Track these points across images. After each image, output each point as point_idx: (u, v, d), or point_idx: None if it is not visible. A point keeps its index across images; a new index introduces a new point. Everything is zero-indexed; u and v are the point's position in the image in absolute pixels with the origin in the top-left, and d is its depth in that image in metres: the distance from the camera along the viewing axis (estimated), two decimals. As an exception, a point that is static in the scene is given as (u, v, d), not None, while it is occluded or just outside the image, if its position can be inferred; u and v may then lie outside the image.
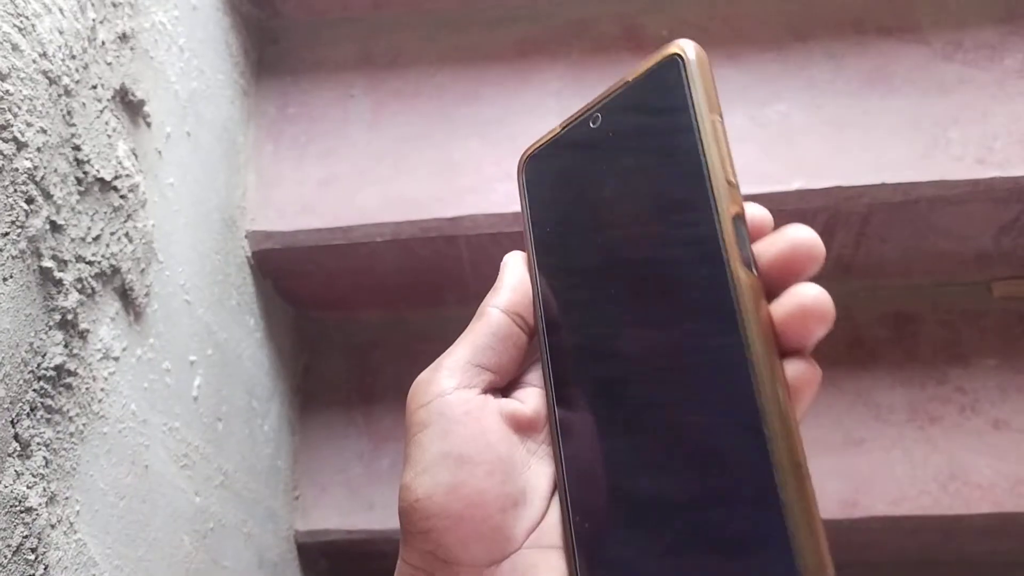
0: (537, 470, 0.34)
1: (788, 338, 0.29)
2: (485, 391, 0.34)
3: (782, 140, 0.74)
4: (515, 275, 0.37)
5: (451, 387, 0.34)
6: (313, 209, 0.76)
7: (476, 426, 0.33)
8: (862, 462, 0.76)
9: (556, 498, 0.34)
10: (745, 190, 0.71)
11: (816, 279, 0.30)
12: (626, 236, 0.34)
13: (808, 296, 0.29)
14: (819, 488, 0.30)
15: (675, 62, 0.33)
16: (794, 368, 0.29)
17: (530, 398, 0.36)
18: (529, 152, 0.38)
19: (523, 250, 0.38)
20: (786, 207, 0.71)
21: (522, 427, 0.34)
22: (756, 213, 0.32)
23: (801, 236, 0.30)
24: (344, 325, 0.88)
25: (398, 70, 0.82)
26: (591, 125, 0.36)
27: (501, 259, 0.38)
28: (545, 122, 0.77)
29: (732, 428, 0.29)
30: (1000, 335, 0.80)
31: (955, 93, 0.74)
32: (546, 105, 0.78)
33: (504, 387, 0.36)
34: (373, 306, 0.86)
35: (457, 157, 0.77)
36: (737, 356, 0.29)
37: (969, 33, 0.77)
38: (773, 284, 0.30)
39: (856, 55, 0.77)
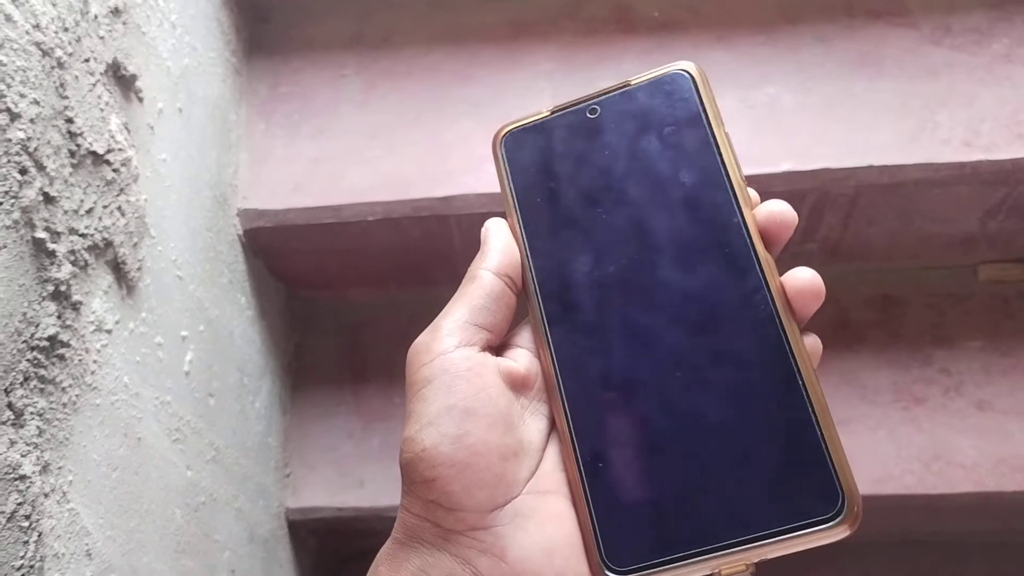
0: (531, 425, 0.36)
1: (792, 312, 0.35)
2: (483, 349, 0.36)
3: (771, 122, 0.74)
4: (501, 239, 0.39)
5: (452, 345, 0.35)
6: (304, 188, 0.76)
7: (478, 381, 0.35)
8: (847, 442, 0.76)
9: (550, 449, 0.36)
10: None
11: (804, 261, 0.35)
12: (637, 214, 0.37)
13: (805, 277, 0.34)
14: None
15: (685, 76, 0.39)
16: (806, 339, 0.34)
17: (521, 358, 0.37)
18: (508, 129, 0.41)
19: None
20: (775, 189, 0.72)
21: (516, 384, 0.36)
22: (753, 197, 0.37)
23: (777, 208, 0.36)
24: (335, 304, 0.89)
25: (390, 50, 0.82)
26: (588, 115, 0.40)
27: None
28: (537, 102, 0.77)
29: (766, 374, 0.33)
30: (985, 318, 0.81)
31: (943, 77, 0.75)
32: (538, 86, 0.79)
33: (495, 348, 0.38)
34: (364, 285, 0.86)
35: (449, 137, 0.77)
36: (766, 316, 0.34)
37: (958, 17, 0.77)
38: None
39: (846, 38, 0.77)
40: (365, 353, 0.87)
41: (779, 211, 0.36)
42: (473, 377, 0.35)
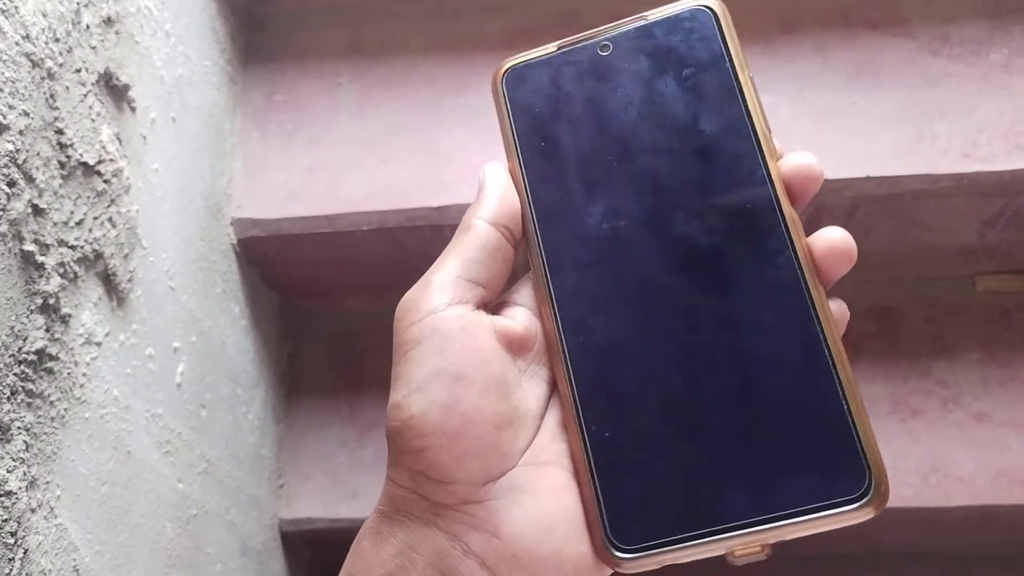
0: (528, 390, 0.34)
1: (819, 274, 0.32)
2: (477, 307, 0.33)
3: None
4: (499, 185, 0.36)
5: (443, 303, 0.33)
6: (299, 197, 0.75)
7: (471, 343, 0.32)
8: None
9: (549, 417, 0.34)
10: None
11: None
12: (653, 162, 0.34)
13: (835, 236, 0.32)
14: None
15: (707, 13, 0.35)
16: (832, 305, 0.32)
17: (519, 316, 0.35)
18: (511, 65, 0.38)
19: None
20: (772, 199, 0.72)
21: (514, 345, 0.34)
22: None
23: (804, 160, 0.33)
24: (329, 313, 0.88)
25: (386, 58, 0.82)
26: (599, 51, 0.36)
27: None
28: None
29: (790, 340, 0.31)
30: (983, 329, 0.81)
31: (941, 87, 0.74)
32: (534, 95, 0.78)
33: (491, 306, 0.35)
34: (359, 294, 0.86)
35: (444, 146, 0.76)
36: (790, 278, 0.31)
37: (955, 27, 0.77)
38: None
39: (843, 48, 0.77)
40: (359, 363, 0.86)
41: (805, 164, 0.33)
42: (466, 338, 0.32)
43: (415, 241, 0.76)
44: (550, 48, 0.37)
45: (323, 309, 0.88)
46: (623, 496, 0.31)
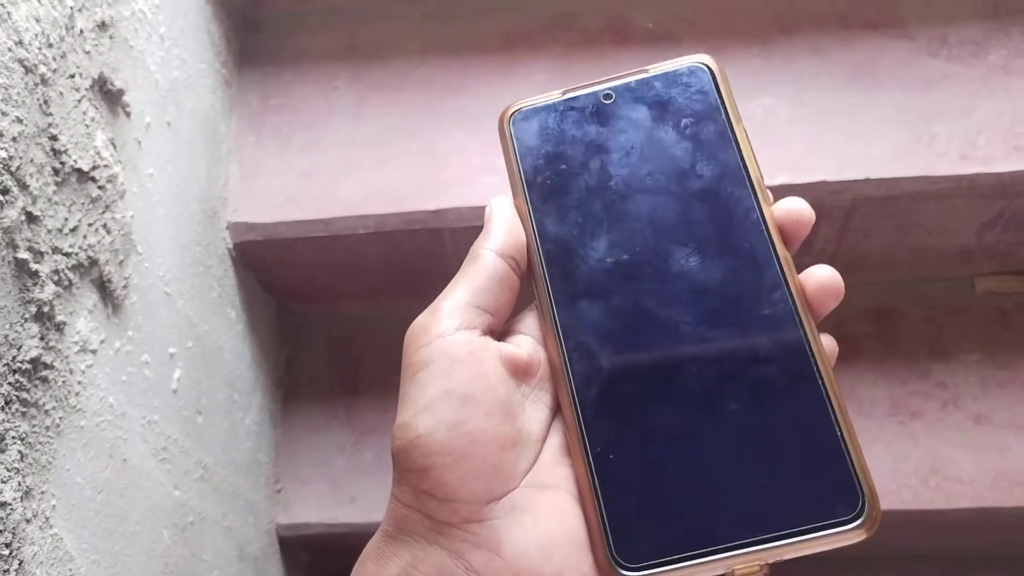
0: (531, 414, 0.35)
1: (810, 309, 0.34)
2: (484, 333, 0.35)
3: (766, 134, 0.74)
4: (506, 219, 0.37)
5: (453, 327, 0.34)
6: (295, 201, 0.75)
7: (478, 367, 0.33)
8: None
9: (550, 441, 0.35)
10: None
11: (802, 271, 0.35)
12: (653, 204, 0.37)
13: (824, 275, 0.34)
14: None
15: (704, 70, 0.39)
16: (823, 339, 0.34)
17: (524, 344, 0.36)
18: (517, 108, 0.40)
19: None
20: (770, 202, 0.71)
21: (518, 371, 0.35)
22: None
23: (795, 205, 0.35)
24: (327, 317, 0.88)
25: (382, 61, 0.81)
26: (603, 99, 0.39)
27: None
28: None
29: (786, 371, 0.33)
30: (982, 330, 0.80)
31: (939, 88, 0.74)
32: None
33: (497, 334, 0.36)
34: (356, 298, 0.86)
35: (442, 149, 0.76)
36: (785, 313, 0.34)
37: (954, 29, 0.77)
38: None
39: (841, 50, 0.77)
40: (357, 366, 0.86)
41: (797, 208, 0.35)
42: (473, 362, 0.33)
43: (413, 245, 0.76)
44: (555, 94, 0.40)
45: (320, 313, 0.88)
46: (627, 515, 0.32)
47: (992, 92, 0.73)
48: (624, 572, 0.31)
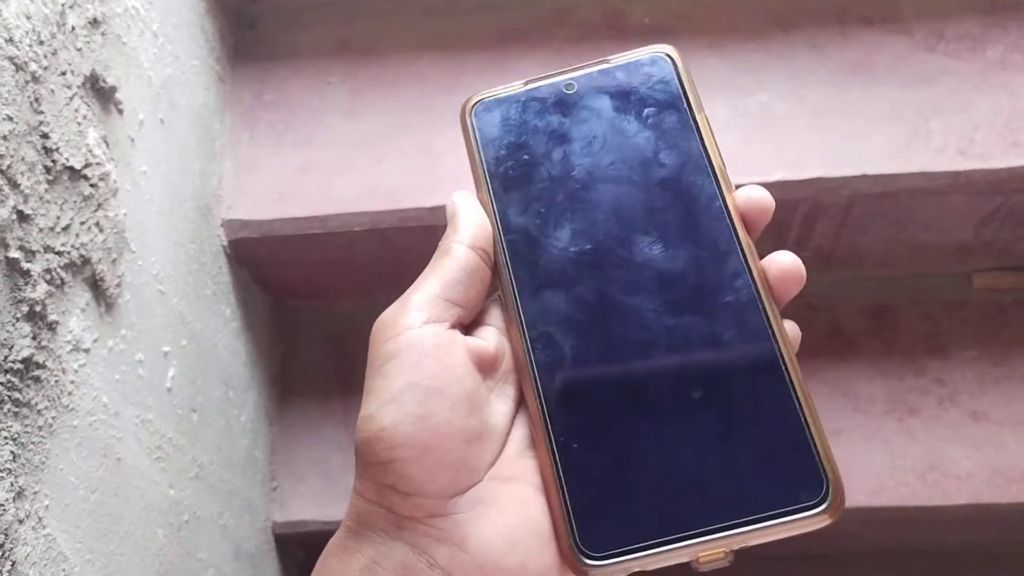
0: (495, 407, 0.35)
1: (772, 295, 0.34)
2: (453, 326, 0.34)
3: (764, 130, 0.73)
4: (473, 212, 0.37)
5: (421, 320, 0.34)
6: (290, 198, 0.75)
7: (446, 359, 0.33)
8: (841, 453, 0.75)
9: (514, 434, 0.35)
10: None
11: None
12: (616, 192, 0.37)
13: (787, 260, 0.34)
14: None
15: (665, 59, 0.39)
16: (786, 324, 0.34)
17: (490, 336, 0.36)
18: (479, 99, 0.40)
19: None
20: (767, 198, 0.71)
21: (484, 365, 0.35)
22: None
23: (756, 193, 0.36)
24: (322, 314, 0.88)
25: (377, 57, 0.81)
26: (565, 90, 0.39)
27: None
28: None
29: (749, 357, 0.33)
30: (979, 327, 0.80)
31: (937, 84, 0.74)
32: (527, 93, 0.78)
33: (466, 326, 0.36)
34: (351, 295, 0.85)
35: (437, 146, 0.76)
36: (748, 300, 0.34)
37: (951, 24, 0.76)
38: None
39: (839, 45, 0.76)
40: (352, 363, 0.85)
41: (758, 196, 0.36)
42: (441, 355, 0.33)
43: (408, 241, 0.76)
44: (516, 85, 0.40)
45: (315, 310, 0.87)
46: (591, 504, 0.32)
47: (990, 88, 0.73)
48: (587, 562, 0.31)
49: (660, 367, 0.33)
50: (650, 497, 0.31)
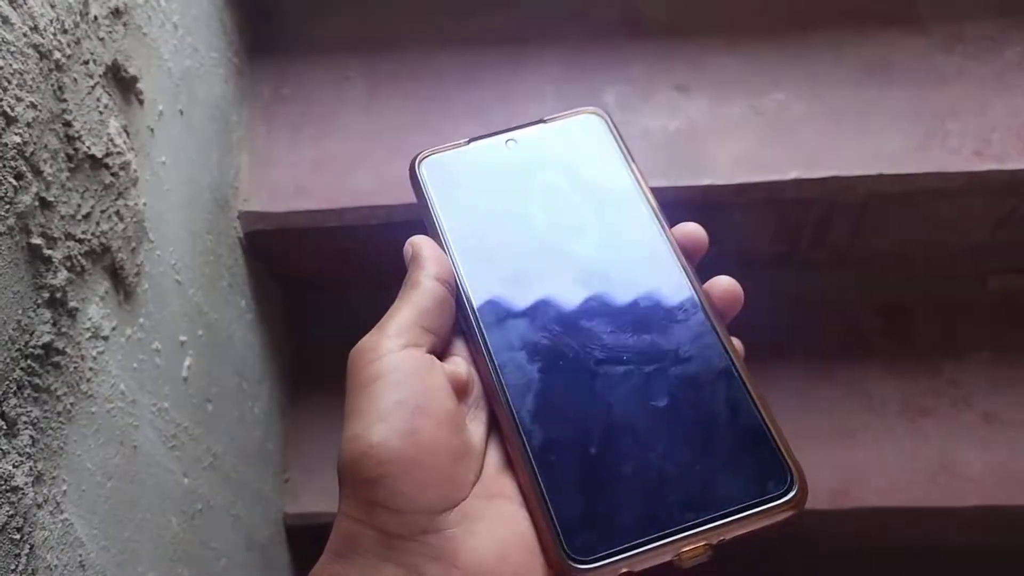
0: (472, 429, 0.36)
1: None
2: (429, 352, 0.35)
3: (780, 129, 0.73)
4: (433, 250, 0.38)
5: (400, 345, 0.34)
6: (307, 191, 0.75)
7: (429, 380, 0.34)
8: (853, 453, 0.76)
9: (490, 455, 0.36)
10: (742, 179, 0.71)
11: (812, 268, 0.38)
12: (563, 235, 0.40)
13: (727, 284, 0.38)
14: (810, 478, 0.34)
15: (601, 118, 0.44)
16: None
17: (460, 364, 0.37)
18: (427, 155, 0.43)
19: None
20: (783, 197, 0.71)
21: (459, 389, 0.36)
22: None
23: (690, 228, 0.40)
24: (336, 307, 0.88)
25: (395, 52, 0.81)
26: (506, 146, 0.43)
27: None
28: (543, 107, 0.76)
29: (706, 368, 0.36)
30: (994, 328, 0.80)
31: (954, 85, 0.74)
32: (544, 90, 0.78)
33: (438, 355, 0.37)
34: (366, 289, 0.85)
35: (453, 141, 0.76)
36: (698, 317, 0.38)
37: (969, 25, 0.76)
38: None
39: (856, 45, 0.76)
40: (366, 357, 0.86)
41: (692, 231, 0.39)
42: (423, 375, 0.34)
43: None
44: (461, 142, 0.43)
45: (330, 303, 0.88)
46: (575, 512, 0.33)
47: (1007, 89, 0.73)
48: (578, 567, 0.32)
49: (626, 382, 0.36)
50: (630, 502, 0.33)
